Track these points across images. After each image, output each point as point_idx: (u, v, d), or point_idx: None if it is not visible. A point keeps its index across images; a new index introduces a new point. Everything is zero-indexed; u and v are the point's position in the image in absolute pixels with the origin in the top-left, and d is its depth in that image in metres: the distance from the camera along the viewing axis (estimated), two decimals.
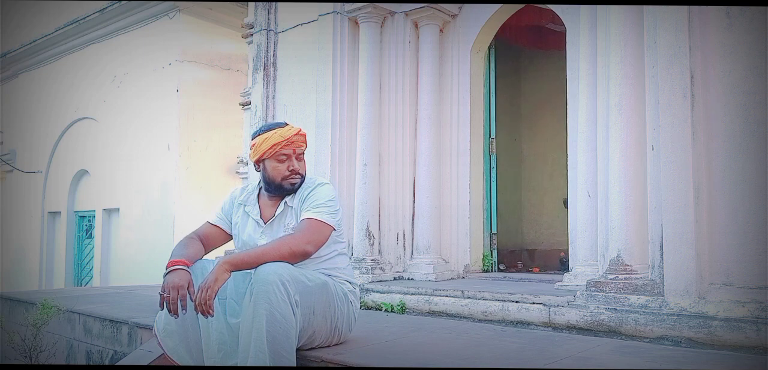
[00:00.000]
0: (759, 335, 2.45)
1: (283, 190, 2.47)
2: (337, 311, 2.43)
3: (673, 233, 2.73)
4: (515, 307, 3.28)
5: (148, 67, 8.24)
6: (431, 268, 4.31)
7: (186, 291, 2.15)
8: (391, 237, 4.50)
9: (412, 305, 3.75)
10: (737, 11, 2.67)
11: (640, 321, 2.77)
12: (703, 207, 2.70)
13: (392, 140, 4.55)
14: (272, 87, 5.02)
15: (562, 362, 2.40)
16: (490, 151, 4.77)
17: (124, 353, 3.36)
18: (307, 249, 2.31)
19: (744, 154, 2.63)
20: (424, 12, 4.50)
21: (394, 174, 4.53)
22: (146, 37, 8.32)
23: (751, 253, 2.58)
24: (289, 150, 2.44)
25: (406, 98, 4.57)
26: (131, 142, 8.47)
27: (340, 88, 4.58)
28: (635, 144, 2.98)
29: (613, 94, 3.05)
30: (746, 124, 2.63)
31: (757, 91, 2.60)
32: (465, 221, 4.52)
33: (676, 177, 2.73)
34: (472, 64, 4.60)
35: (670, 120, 2.76)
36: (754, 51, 2.62)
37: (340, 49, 4.58)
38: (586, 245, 3.47)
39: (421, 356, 2.58)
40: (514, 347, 2.69)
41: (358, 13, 4.51)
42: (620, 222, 2.98)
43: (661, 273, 2.79)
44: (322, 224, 2.36)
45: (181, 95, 7.94)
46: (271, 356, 2.09)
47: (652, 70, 2.86)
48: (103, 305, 4.18)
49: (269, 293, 2.11)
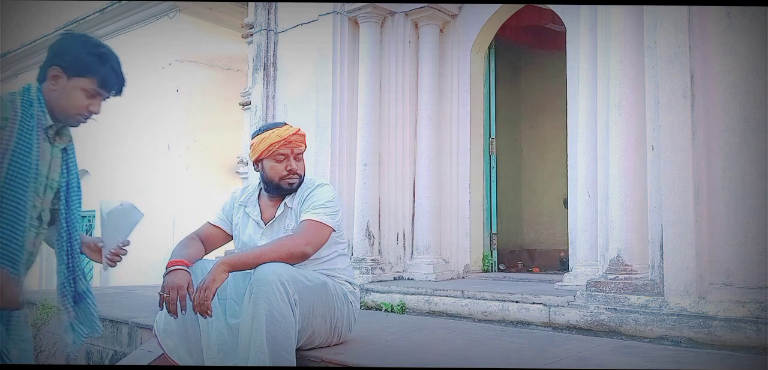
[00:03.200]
0: (759, 335, 2.45)
1: (282, 190, 2.47)
2: (336, 312, 2.43)
3: (673, 233, 2.73)
4: (515, 307, 3.28)
5: (148, 67, 8.23)
6: (431, 268, 4.31)
7: (185, 291, 2.15)
8: (391, 237, 4.50)
9: (412, 305, 3.75)
10: (737, 11, 2.67)
11: (640, 321, 2.77)
12: (703, 207, 2.69)
13: (392, 140, 4.55)
14: (272, 87, 5.02)
15: (562, 362, 2.40)
16: (490, 151, 4.78)
17: (124, 353, 3.36)
18: (306, 250, 2.30)
19: (744, 154, 2.63)
20: (424, 12, 4.50)
21: (394, 174, 4.53)
22: (146, 37, 8.31)
23: (751, 253, 2.58)
24: (287, 150, 2.43)
25: (406, 98, 4.57)
26: (131, 143, 8.46)
27: (340, 88, 4.58)
28: (635, 144, 2.98)
29: (613, 94, 3.05)
30: (746, 124, 2.63)
31: (757, 91, 2.60)
32: (465, 221, 4.52)
33: (676, 177, 2.73)
34: (472, 64, 4.60)
35: (670, 120, 2.76)
36: (754, 51, 2.62)
37: (340, 49, 4.58)
38: (586, 245, 3.47)
39: (421, 356, 2.58)
40: (514, 347, 2.69)
41: (358, 13, 4.51)
42: (620, 222, 2.98)
43: (661, 273, 2.78)
44: (321, 225, 2.36)
45: (181, 95, 7.94)
46: (270, 356, 2.09)
47: (652, 70, 2.86)
48: (103, 304, 4.15)
49: (269, 293, 2.11)
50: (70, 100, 1.87)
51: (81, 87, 1.87)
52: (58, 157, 1.94)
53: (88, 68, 1.87)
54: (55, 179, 1.94)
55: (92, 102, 1.90)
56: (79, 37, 1.93)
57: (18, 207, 1.78)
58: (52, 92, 1.86)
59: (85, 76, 1.86)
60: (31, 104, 1.83)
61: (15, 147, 1.77)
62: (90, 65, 1.87)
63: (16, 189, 1.78)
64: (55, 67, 1.86)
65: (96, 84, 1.88)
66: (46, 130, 1.87)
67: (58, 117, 1.89)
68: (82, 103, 1.88)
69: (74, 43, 1.90)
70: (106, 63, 1.91)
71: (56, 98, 1.86)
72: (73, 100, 1.87)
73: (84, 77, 1.86)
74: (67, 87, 1.86)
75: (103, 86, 1.90)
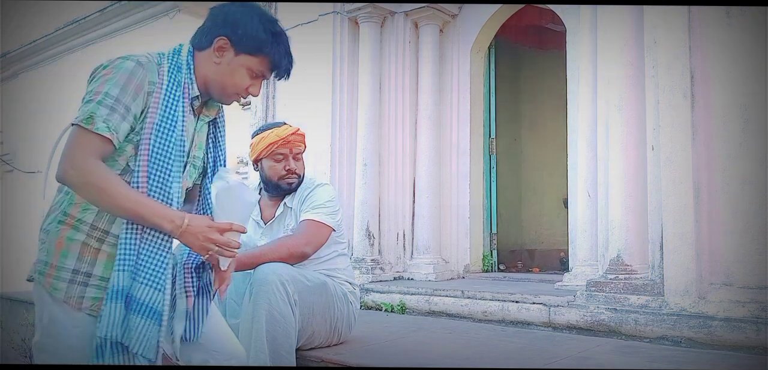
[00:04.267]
0: (759, 335, 2.45)
1: (281, 190, 2.47)
2: (336, 312, 2.43)
3: (673, 233, 2.73)
4: (515, 307, 3.27)
5: None
6: (431, 268, 4.31)
7: None
8: (391, 237, 4.50)
9: (412, 305, 3.75)
10: (737, 11, 2.67)
11: (640, 321, 2.77)
12: (703, 207, 2.69)
13: (392, 140, 4.55)
14: (272, 87, 5.01)
15: (562, 362, 2.40)
16: (490, 151, 4.77)
17: None
18: (306, 250, 2.31)
19: (744, 154, 2.63)
20: (424, 12, 4.50)
21: (394, 174, 4.53)
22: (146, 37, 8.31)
23: (751, 253, 2.58)
24: (285, 150, 2.43)
25: (406, 98, 4.57)
26: None
27: (340, 88, 4.58)
28: (635, 144, 2.97)
29: (613, 94, 3.05)
30: (746, 124, 2.62)
31: (757, 91, 2.59)
32: (465, 221, 4.52)
33: (676, 177, 2.73)
34: (472, 64, 4.60)
35: (670, 120, 2.76)
36: (754, 51, 2.62)
37: (340, 49, 4.58)
38: (586, 245, 3.47)
39: (421, 356, 2.58)
40: (514, 347, 2.69)
41: (358, 13, 4.51)
42: (620, 222, 2.98)
43: (661, 273, 2.78)
44: (321, 225, 2.36)
45: None
46: (271, 356, 2.09)
47: (652, 70, 2.86)
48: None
49: (269, 293, 2.11)
50: (233, 77, 1.63)
51: (248, 66, 1.63)
52: (202, 132, 1.72)
53: (262, 47, 1.62)
54: (198, 156, 1.72)
55: (254, 83, 1.66)
56: (254, 8, 1.66)
57: (165, 190, 1.55)
58: (213, 65, 1.62)
59: (256, 55, 1.62)
60: (179, 69, 1.60)
61: (159, 120, 1.54)
62: (264, 44, 1.62)
63: (163, 169, 1.54)
64: (222, 38, 1.61)
65: (267, 65, 1.65)
66: (191, 100, 1.64)
67: (211, 91, 1.66)
68: (244, 82, 1.64)
69: (249, 15, 1.63)
70: (281, 43, 1.66)
71: (216, 73, 1.62)
72: (235, 78, 1.63)
73: (255, 56, 1.62)
74: (232, 63, 1.62)
75: (274, 69, 1.66)
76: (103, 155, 1.48)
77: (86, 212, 1.53)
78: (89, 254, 1.53)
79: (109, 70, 1.53)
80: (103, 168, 1.48)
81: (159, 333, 1.53)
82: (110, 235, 1.54)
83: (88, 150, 1.46)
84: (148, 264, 1.52)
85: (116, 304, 1.48)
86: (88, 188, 1.48)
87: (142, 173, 1.52)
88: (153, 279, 1.53)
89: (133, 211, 1.49)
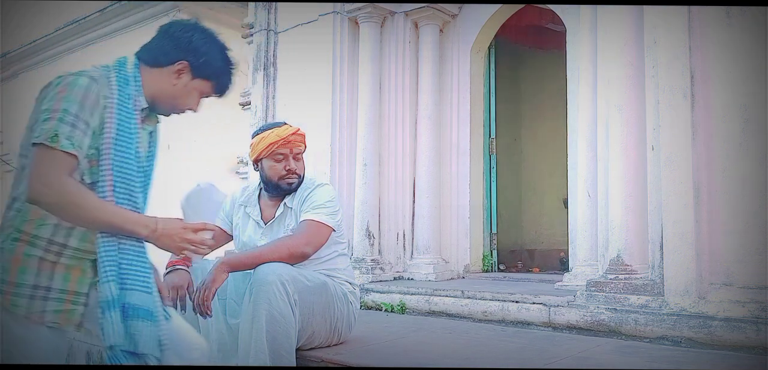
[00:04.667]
0: (759, 335, 2.45)
1: (281, 190, 2.46)
2: (336, 312, 2.43)
3: (673, 233, 2.73)
4: (515, 307, 3.27)
5: None
6: (431, 268, 4.31)
7: (185, 291, 2.15)
8: (391, 237, 4.50)
9: (412, 305, 3.75)
10: (737, 11, 2.67)
11: (640, 321, 2.77)
12: (703, 207, 2.69)
13: (392, 140, 4.55)
14: (272, 87, 5.01)
15: (562, 362, 2.40)
16: (490, 151, 4.77)
17: None
18: (306, 251, 2.30)
19: (744, 153, 2.63)
20: (424, 12, 4.50)
21: (394, 174, 4.53)
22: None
23: (751, 253, 2.58)
24: (285, 150, 2.43)
25: (406, 98, 4.57)
26: None
27: (340, 88, 4.58)
28: (635, 144, 2.97)
29: (613, 94, 3.05)
30: (746, 124, 2.62)
31: (757, 91, 2.60)
32: (465, 221, 4.52)
33: (676, 177, 2.73)
34: (472, 64, 4.60)
35: (670, 120, 2.76)
36: (754, 51, 2.62)
37: (340, 49, 4.58)
38: (586, 245, 3.47)
39: (421, 356, 2.58)
40: (514, 347, 2.69)
41: (358, 13, 4.51)
42: (620, 222, 2.98)
43: (661, 273, 2.78)
44: (321, 225, 2.36)
45: None
46: (271, 356, 2.09)
47: (652, 70, 2.86)
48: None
49: (269, 293, 2.11)
50: (186, 98, 1.72)
51: (201, 89, 1.73)
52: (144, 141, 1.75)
53: (217, 73, 1.73)
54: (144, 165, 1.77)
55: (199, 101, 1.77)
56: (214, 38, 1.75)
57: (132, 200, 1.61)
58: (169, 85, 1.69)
59: (210, 80, 1.73)
60: (126, 82, 1.65)
61: (116, 133, 1.59)
62: (220, 71, 1.74)
63: (126, 179, 1.60)
64: (183, 63, 1.69)
65: (213, 88, 1.75)
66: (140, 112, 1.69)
67: (158, 106, 1.72)
68: (193, 102, 1.75)
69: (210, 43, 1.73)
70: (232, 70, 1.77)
71: (171, 93, 1.70)
72: (188, 99, 1.73)
73: (208, 80, 1.73)
74: (188, 85, 1.71)
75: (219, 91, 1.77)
76: (70, 172, 1.51)
77: (41, 228, 1.55)
78: (47, 269, 1.56)
79: (62, 87, 1.54)
80: (76, 184, 1.51)
81: (159, 332, 1.59)
82: (68, 248, 1.57)
83: (58, 168, 1.48)
84: (131, 271, 1.59)
85: (112, 313, 1.54)
86: (66, 206, 1.50)
87: (108, 186, 1.57)
88: (140, 283, 1.60)
89: (108, 222, 1.55)
